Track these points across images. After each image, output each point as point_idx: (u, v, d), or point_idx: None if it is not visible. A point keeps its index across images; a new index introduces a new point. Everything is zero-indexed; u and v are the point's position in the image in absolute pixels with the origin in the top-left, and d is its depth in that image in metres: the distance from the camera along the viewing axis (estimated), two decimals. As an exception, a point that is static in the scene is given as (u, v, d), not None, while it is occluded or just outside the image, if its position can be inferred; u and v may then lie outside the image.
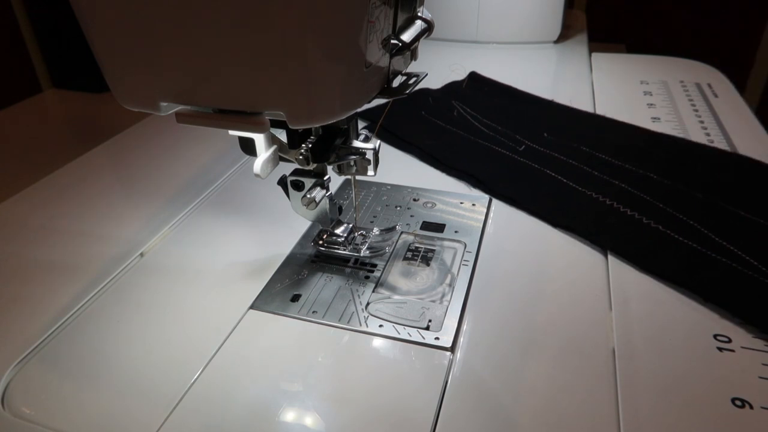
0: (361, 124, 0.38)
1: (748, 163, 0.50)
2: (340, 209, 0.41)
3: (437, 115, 0.61)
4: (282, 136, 0.35)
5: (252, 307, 0.36)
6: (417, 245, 0.42)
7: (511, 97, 0.67)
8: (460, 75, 0.71)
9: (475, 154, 0.53)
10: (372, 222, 0.45)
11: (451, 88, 0.68)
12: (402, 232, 0.43)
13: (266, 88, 0.27)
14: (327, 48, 0.26)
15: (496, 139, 0.56)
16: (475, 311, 0.36)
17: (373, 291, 0.37)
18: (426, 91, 0.66)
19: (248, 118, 0.29)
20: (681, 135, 0.56)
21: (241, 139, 0.34)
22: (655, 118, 0.60)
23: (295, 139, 0.35)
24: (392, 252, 0.41)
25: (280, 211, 0.45)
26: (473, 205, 0.46)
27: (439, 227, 0.44)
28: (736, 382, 0.30)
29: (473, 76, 0.71)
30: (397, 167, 0.52)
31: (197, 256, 0.42)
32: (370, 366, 0.32)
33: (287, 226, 0.44)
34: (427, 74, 0.36)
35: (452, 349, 0.33)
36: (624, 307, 0.35)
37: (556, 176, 0.49)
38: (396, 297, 0.37)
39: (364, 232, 0.42)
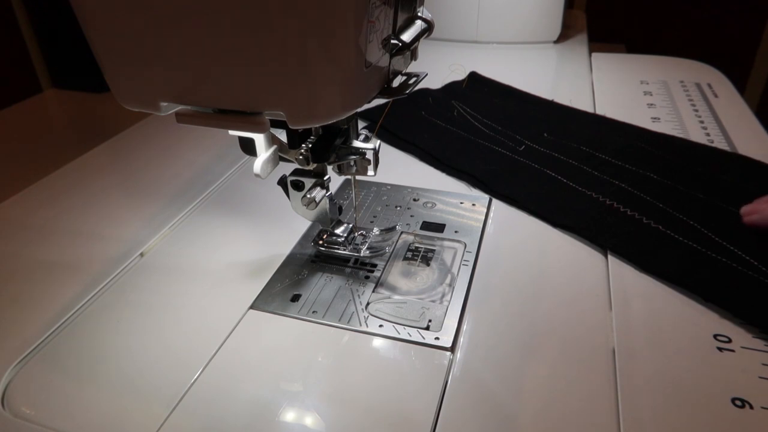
0: (361, 124, 0.38)
1: (748, 163, 0.50)
2: (340, 209, 0.41)
3: (437, 115, 0.61)
4: (282, 136, 0.35)
5: (252, 307, 0.36)
6: (417, 245, 0.42)
7: (510, 97, 0.67)
8: (460, 75, 0.71)
9: (475, 153, 0.53)
10: (372, 222, 0.45)
11: (451, 88, 0.68)
12: (402, 232, 0.43)
13: (266, 88, 0.27)
14: (327, 48, 0.26)
15: (496, 139, 0.55)
16: (475, 311, 0.36)
17: (373, 291, 0.37)
18: (426, 91, 0.66)
19: (248, 118, 0.29)
20: (681, 135, 0.56)
21: (241, 139, 0.34)
22: (655, 118, 0.60)
23: (295, 139, 0.35)
24: (392, 252, 0.41)
25: (280, 211, 0.45)
26: (473, 205, 0.46)
27: (439, 227, 0.44)
28: (736, 382, 0.30)
29: (473, 77, 0.71)
30: (397, 167, 0.52)
31: (197, 256, 0.42)
32: (370, 366, 0.32)
33: (287, 226, 0.44)
34: (427, 74, 0.36)
35: (452, 349, 0.33)
36: (624, 307, 0.35)
37: (556, 176, 0.49)
38: (396, 297, 0.37)
39: (364, 232, 0.42)
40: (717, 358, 0.32)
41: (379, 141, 0.37)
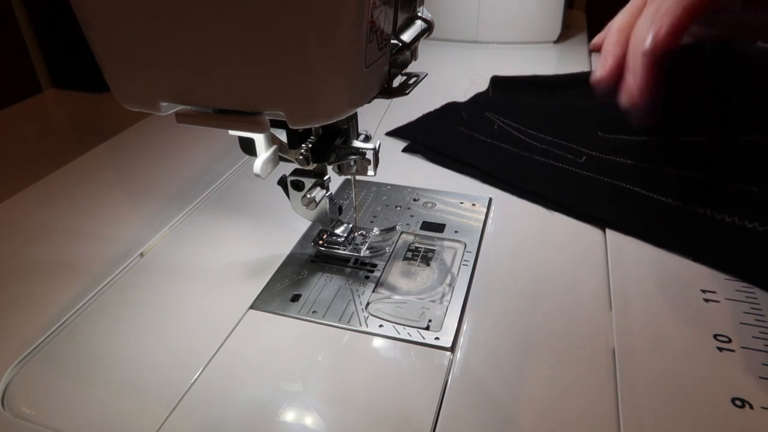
0: (395, 142, 0.38)
1: None
2: (340, 209, 0.41)
3: (478, 131, 0.56)
4: (282, 136, 0.35)
5: (252, 307, 0.36)
6: (417, 245, 0.42)
7: (541, 90, 0.62)
8: (482, 85, 0.68)
9: (541, 173, 0.49)
10: (372, 222, 0.45)
11: (479, 99, 0.64)
12: (402, 232, 0.43)
13: (266, 88, 0.27)
14: (327, 48, 0.26)
15: (552, 153, 0.51)
16: (475, 311, 0.36)
17: (373, 291, 0.37)
18: (455, 105, 0.62)
19: (248, 118, 0.29)
20: None
21: (241, 139, 0.34)
22: (655, 118, 0.60)
23: (295, 139, 0.35)
24: (392, 252, 0.41)
25: (280, 211, 0.45)
26: (473, 205, 0.46)
27: (439, 227, 0.44)
28: (736, 382, 0.30)
29: (496, 81, 0.67)
30: (397, 167, 0.52)
31: (197, 256, 0.42)
32: (370, 366, 0.32)
33: (287, 226, 0.44)
34: (427, 74, 0.36)
35: (452, 349, 0.33)
36: (624, 307, 0.35)
37: (632, 188, 0.45)
38: (396, 297, 0.37)
39: (364, 232, 0.42)
40: (717, 358, 0.32)
41: (379, 141, 0.37)
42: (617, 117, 0.50)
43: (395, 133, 0.58)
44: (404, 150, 0.55)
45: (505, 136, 0.55)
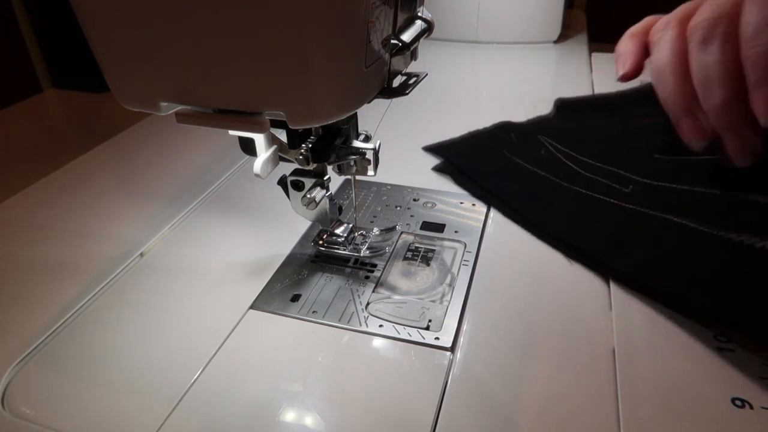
0: (428, 157, 0.37)
1: None
2: (340, 209, 0.41)
3: (522, 155, 0.50)
4: (282, 136, 0.35)
5: (252, 307, 0.36)
6: (417, 245, 0.42)
7: (612, 111, 0.54)
8: (545, 108, 0.62)
9: (577, 208, 0.42)
10: (372, 222, 0.45)
11: (538, 121, 0.58)
12: (402, 232, 0.43)
13: (266, 88, 0.27)
14: (327, 48, 0.26)
15: (597, 182, 0.44)
16: (475, 311, 0.36)
17: (373, 291, 0.37)
18: (508, 126, 0.57)
19: (248, 118, 0.29)
20: None
21: (241, 139, 0.34)
22: (655, 118, 0.60)
23: (295, 139, 0.35)
24: (392, 252, 0.41)
25: (280, 211, 0.45)
26: (473, 205, 0.46)
27: (439, 227, 0.44)
28: (736, 382, 0.30)
29: (561, 104, 0.60)
30: (397, 167, 0.52)
31: (197, 256, 0.42)
32: (370, 366, 0.32)
33: (287, 226, 0.44)
34: (427, 74, 0.36)
35: (452, 349, 0.33)
36: (624, 307, 0.35)
37: (692, 224, 0.37)
38: (396, 297, 0.37)
39: (364, 232, 0.42)
40: (717, 358, 0.32)
41: (379, 141, 0.37)
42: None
43: (432, 150, 0.54)
44: (434, 169, 0.52)
45: (550, 163, 0.49)
